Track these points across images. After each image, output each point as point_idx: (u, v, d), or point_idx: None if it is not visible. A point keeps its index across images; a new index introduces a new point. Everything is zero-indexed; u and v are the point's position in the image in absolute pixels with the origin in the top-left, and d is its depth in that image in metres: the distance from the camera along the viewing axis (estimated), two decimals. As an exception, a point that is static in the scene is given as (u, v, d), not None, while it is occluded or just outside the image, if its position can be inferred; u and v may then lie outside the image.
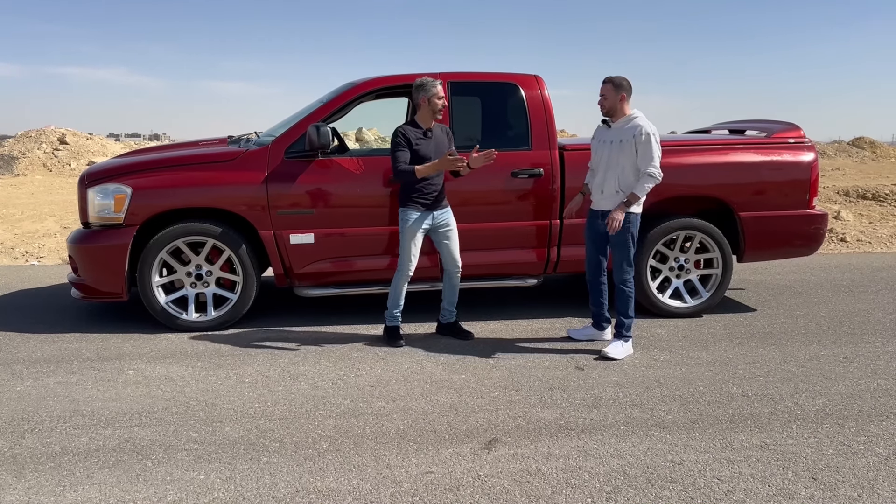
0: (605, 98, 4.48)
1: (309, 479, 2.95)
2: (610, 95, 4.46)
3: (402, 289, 4.76)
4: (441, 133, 4.67)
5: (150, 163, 5.16)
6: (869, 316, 5.58)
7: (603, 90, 4.50)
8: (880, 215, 11.23)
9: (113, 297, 4.99)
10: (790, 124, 5.77)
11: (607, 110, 4.51)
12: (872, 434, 3.39)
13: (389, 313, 4.83)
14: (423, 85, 4.54)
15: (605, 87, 4.49)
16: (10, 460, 3.10)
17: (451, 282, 4.87)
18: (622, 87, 4.45)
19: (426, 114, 4.57)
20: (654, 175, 4.37)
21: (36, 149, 21.75)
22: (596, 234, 4.66)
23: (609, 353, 4.48)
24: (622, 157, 4.43)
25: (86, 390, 3.93)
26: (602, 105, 4.51)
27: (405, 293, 4.80)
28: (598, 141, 4.65)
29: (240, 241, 4.97)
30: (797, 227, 5.54)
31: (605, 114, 4.54)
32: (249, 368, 4.29)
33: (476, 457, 3.14)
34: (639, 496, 2.82)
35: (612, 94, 4.46)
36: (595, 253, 4.72)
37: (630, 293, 4.56)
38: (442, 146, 4.63)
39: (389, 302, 4.82)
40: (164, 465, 3.06)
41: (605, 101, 4.49)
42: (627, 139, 4.41)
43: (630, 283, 4.56)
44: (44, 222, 10.53)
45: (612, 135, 4.52)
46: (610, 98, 4.47)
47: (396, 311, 4.82)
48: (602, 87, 4.51)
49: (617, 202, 4.45)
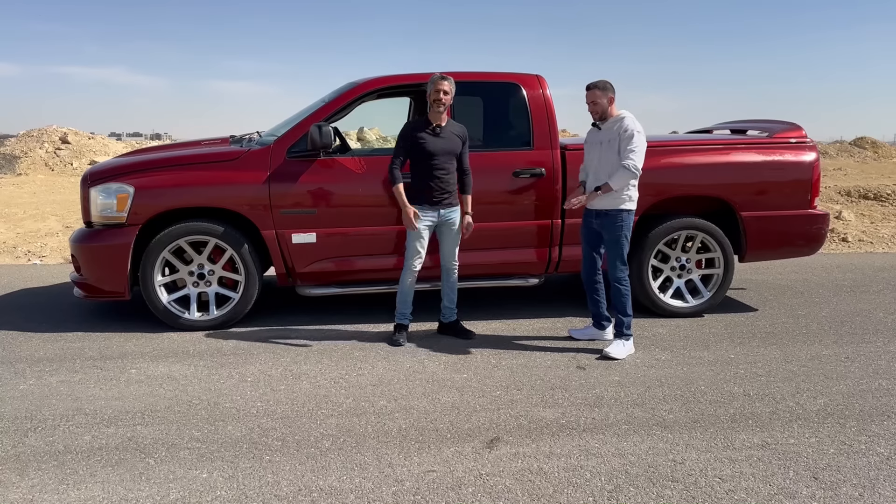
0: (596, 104, 4.53)
1: (311, 477, 2.95)
2: (599, 100, 4.51)
3: (407, 285, 4.78)
4: (454, 134, 4.66)
5: (152, 162, 5.17)
6: (870, 316, 5.58)
7: (591, 97, 4.54)
8: (882, 215, 11.22)
9: (115, 297, 5.00)
10: (792, 124, 5.77)
11: (600, 115, 4.55)
12: (874, 433, 3.40)
13: (397, 310, 4.85)
14: (430, 81, 4.59)
15: (592, 94, 4.53)
16: (13, 459, 3.11)
17: (449, 280, 4.88)
18: (608, 90, 4.51)
19: (431, 110, 4.60)
20: (630, 168, 4.38)
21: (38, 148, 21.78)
22: (590, 234, 4.69)
23: (610, 353, 4.49)
24: (612, 156, 4.47)
25: (88, 389, 3.94)
26: (594, 111, 4.56)
27: (413, 291, 4.83)
28: (589, 143, 4.71)
29: (242, 241, 4.98)
30: (799, 227, 5.55)
31: (599, 118, 4.57)
32: (252, 367, 4.30)
33: (478, 456, 3.15)
34: (640, 495, 2.82)
35: (602, 98, 4.51)
36: (590, 252, 4.74)
37: (625, 291, 4.57)
38: (451, 143, 4.62)
39: (397, 299, 4.84)
40: (166, 463, 3.07)
41: (597, 107, 4.53)
42: (615, 139, 4.46)
43: (625, 282, 4.57)
44: (46, 221, 10.55)
45: (601, 136, 4.57)
46: (600, 102, 4.52)
47: (404, 309, 4.83)
48: (589, 94, 4.55)
49: (607, 201, 4.50)
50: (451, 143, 4.63)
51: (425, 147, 4.55)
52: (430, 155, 4.56)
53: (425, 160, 4.58)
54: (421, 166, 4.62)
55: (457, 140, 4.66)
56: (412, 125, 4.67)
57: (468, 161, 4.76)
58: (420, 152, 4.57)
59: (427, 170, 4.60)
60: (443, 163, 4.61)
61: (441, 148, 4.58)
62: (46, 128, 23.40)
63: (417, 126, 4.63)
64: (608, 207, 4.52)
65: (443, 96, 4.52)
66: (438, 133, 4.60)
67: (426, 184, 4.61)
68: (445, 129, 4.63)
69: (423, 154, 4.56)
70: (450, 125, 4.67)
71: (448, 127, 4.65)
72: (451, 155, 4.64)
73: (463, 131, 4.73)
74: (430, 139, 4.57)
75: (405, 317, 4.86)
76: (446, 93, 4.54)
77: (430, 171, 4.60)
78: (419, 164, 4.62)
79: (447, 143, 4.61)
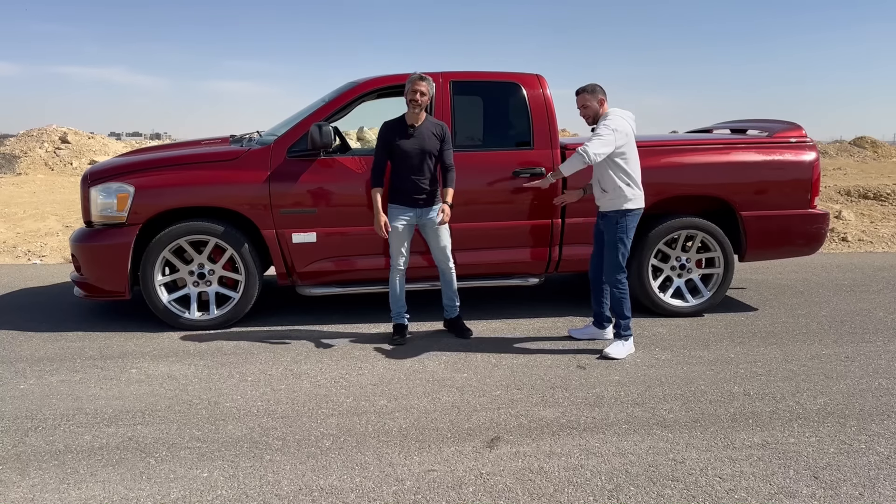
0: (586, 107, 4.52)
1: (312, 476, 2.96)
2: (589, 103, 4.50)
3: (396, 285, 4.79)
4: (427, 130, 4.61)
5: (152, 162, 5.17)
6: (870, 315, 5.58)
7: (580, 101, 4.53)
8: (881, 215, 11.23)
9: (115, 296, 5.00)
10: (792, 124, 5.77)
11: (592, 118, 4.54)
12: (874, 433, 3.40)
13: (392, 311, 4.87)
14: (406, 81, 4.57)
15: (581, 98, 4.53)
16: (13, 458, 3.11)
17: (444, 278, 4.89)
18: (597, 92, 4.50)
19: (407, 110, 4.60)
20: (581, 152, 4.32)
21: (38, 148, 21.77)
22: (599, 234, 4.69)
23: (610, 353, 4.49)
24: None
25: (89, 389, 3.94)
26: (586, 116, 4.55)
27: (404, 290, 4.83)
28: None
29: (242, 240, 4.98)
30: (799, 227, 5.55)
31: (591, 122, 4.55)
32: (252, 367, 4.30)
33: (478, 455, 3.15)
34: (640, 494, 2.82)
35: (591, 101, 4.50)
36: (599, 251, 4.73)
37: (622, 294, 4.54)
38: (425, 143, 4.58)
39: (389, 299, 4.85)
40: (167, 462, 3.07)
41: (587, 110, 4.53)
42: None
43: (621, 285, 4.54)
44: (46, 221, 10.55)
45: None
46: (591, 106, 4.51)
47: (398, 309, 4.85)
48: (578, 99, 4.55)
49: (604, 203, 4.51)
50: (426, 142, 4.59)
51: (400, 147, 4.56)
52: (405, 155, 4.56)
53: (401, 160, 4.59)
54: (397, 166, 4.63)
55: (433, 139, 4.62)
56: (388, 125, 4.66)
57: (451, 157, 4.70)
58: (396, 153, 4.58)
59: (403, 170, 4.61)
60: (417, 163, 4.58)
61: (414, 148, 4.57)
62: (46, 127, 23.39)
63: (393, 126, 4.63)
64: (607, 209, 4.52)
65: (419, 97, 4.49)
66: (412, 134, 4.58)
67: (402, 184, 4.62)
68: (421, 128, 4.60)
69: (399, 154, 4.58)
70: (427, 124, 4.63)
71: (424, 126, 4.61)
72: (427, 154, 4.60)
73: (441, 129, 4.67)
74: (403, 140, 4.57)
75: (401, 316, 4.87)
76: (423, 94, 4.50)
77: (405, 172, 4.60)
78: (395, 164, 4.64)
79: (422, 143, 4.58)
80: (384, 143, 4.61)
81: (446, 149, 4.68)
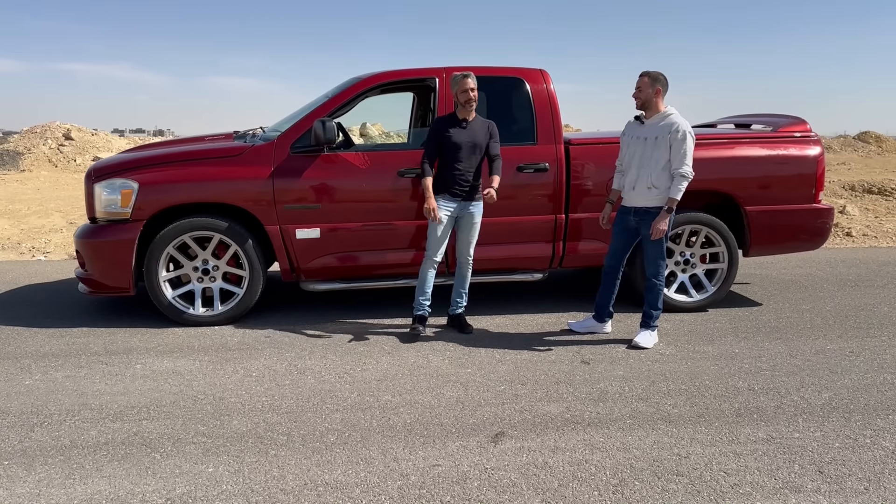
0: (640, 90, 4.48)
1: (317, 472, 2.96)
2: (645, 88, 4.46)
3: (426, 275, 4.85)
4: (480, 127, 4.74)
5: (156, 158, 5.17)
6: (875, 310, 5.57)
7: (639, 83, 4.49)
8: (886, 210, 11.19)
9: (120, 292, 5.01)
10: (796, 118, 5.76)
11: (642, 103, 4.50)
12: (878, 428, 3.39)
13: (416, 300, 4.90)
14: (452, 80, 4.71)
15: (641, 80, 4.49)
16: (20, 453, 3.12)
17: (460, 272, 4.94)
18: (658, 81, 4.44)
19: (460, 108, 4.70)
20: (687, 175, 4.39)
21: (41, 144, 21.80)
22: (625, 229, 4.65)
23: (640, 343, 4.58)
24: (656, 154, 4.43)
25: (94, 384, 3.95)
26: (637, 98, 4.51)
27: (433, 283, 4.88)
28: (629, 137, 4.63)
29: (246, 236, 4.99)
30: (803, 222, 5.54)
31: (640, 107, 4.53)
32: (256, 362, 4.31)
33: (483, 450, 3.15)
34: (645, 489, 2.82)
35: (647, 88, 4.45)
36: (619, 245, 4.71)
37: (661, 287, 4.63)
38: (477, 136, 4.70)
39: (416, 288, 4.91)
40: (172, 458, 3.08)
41: (640, 94, 4.48)
42: (663, 136, 4.40)
43: (662, 278, 4.61)
44: (50, 217, 10.57)
45: (645, 131, 4.51)
46: (644, 91, 4.46)
47: (422, 299, 4.88)
48: (638, 80, 4.50)
49: (650, 198, 4.47)
50: (477, 135, 4.71)
51: (451, 139, 4.67)
52: (457, 147, 4.66)
53: (452, 152, 4.68)
54: (445, 158, 4.73)
55: (481, 135, 4.74)
56: (441, 119, 4.79)
57: (498, 149, 4.81)
58: (446, 144, 4.68)
59: (450, 161, 4.70)
60: (466, 155, 4.69)
61: (465, 140, 4.67)
62: (50, 124, 23.41)
63: (446, 120, 4.75)
64: (650, 205, 4.49)
65: (471, 93, 4.63)
66: (465, 127, 4.70)
67: (448, 174, 4.71)
68: (473, 123, 4.73)
69: (449, 146, 4.68)
70: (477, 120, 4.76)
71: (476, 121, 4.75)
72: (476, 147, 4.71)
73: (491, 126, 4.80)
74: (456, 132, 4.67)
75: (423, 308, 4.89)
76: (474, 89, 4.64)
77: (452, 163, 4.69)
78: (444, 155, 4.73)
79: (474, 136, 4.69)
80: (436, 134, 4.71)
81: (494, 142, 4.79)
